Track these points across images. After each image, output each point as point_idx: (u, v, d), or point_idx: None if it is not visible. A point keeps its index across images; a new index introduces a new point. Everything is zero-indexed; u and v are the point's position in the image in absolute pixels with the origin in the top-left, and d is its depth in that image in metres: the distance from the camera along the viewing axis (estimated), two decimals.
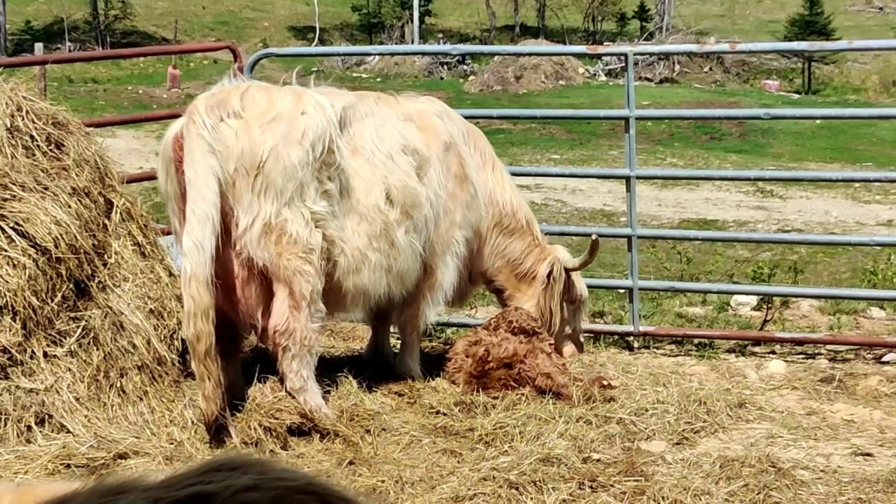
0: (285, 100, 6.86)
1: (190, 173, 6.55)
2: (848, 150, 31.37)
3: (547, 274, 8.55)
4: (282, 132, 6.70)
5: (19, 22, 55.90)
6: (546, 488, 6.07)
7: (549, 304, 8.56)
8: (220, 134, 6.61)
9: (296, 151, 6.70)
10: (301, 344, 6.88)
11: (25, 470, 6.02)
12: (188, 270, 6.42)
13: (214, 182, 6.54)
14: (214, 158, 6.56)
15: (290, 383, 6.96)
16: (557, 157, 28.84)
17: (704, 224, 20.51)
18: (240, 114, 6.69)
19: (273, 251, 6.72)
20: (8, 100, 7.14)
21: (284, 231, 6.71)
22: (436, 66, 50.52)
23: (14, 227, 6.66)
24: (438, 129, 7.88)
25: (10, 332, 6.49)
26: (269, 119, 6.71)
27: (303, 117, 6.80)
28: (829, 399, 7.96)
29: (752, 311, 10.42)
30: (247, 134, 6.65)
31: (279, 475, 2.36)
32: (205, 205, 6.48)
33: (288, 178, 6.68)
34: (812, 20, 53.89)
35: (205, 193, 6.50)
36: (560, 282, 8.56)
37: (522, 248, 8.55)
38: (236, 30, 60.96)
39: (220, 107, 6.68)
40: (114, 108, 35.86)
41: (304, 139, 6.74)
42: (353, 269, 7.18)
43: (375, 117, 7.47)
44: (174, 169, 6.75)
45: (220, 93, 6.83)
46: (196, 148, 6.56)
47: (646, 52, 27.61)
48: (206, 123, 6.59)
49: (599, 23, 66.34)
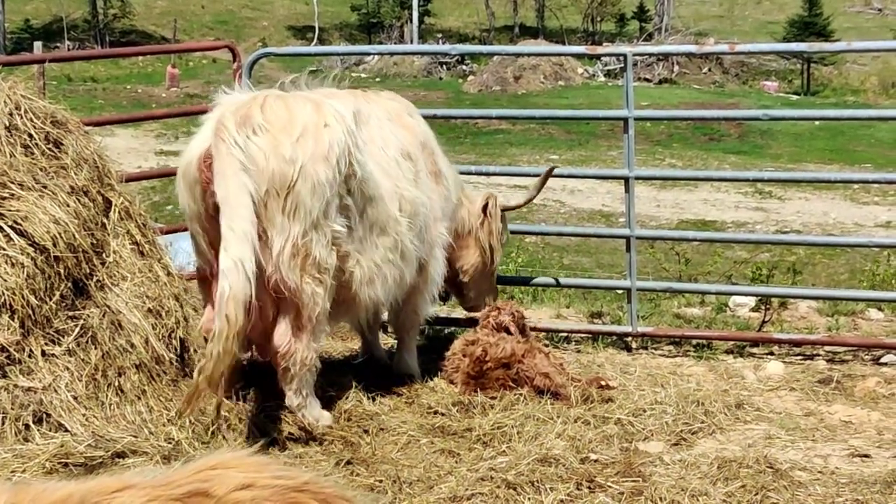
0: (306, 110, 6.70)
1: (222, 192, 6.38)
2: (846, 151, 31.40)
3: (482, 208, 8.56)
4: (310, 149, 6.55)
5: (18, 20, 55.90)
6: (544, 488, 6.07)
7: (488, 240, 8.57)
8: (251, 155, 6.44)
9: (323, 169, 6.55)
10: (301, 364, 6.77)
11: (23, 469, 6.02)
12: (227, 290, 6.20)
13: (249, 200, 6.37)
14: (248, 177, 6.39)
15: (290, 401, 6.88)
16: (556, 157, 28.85)
17: (703, 225, 20.55)
18: (265, 128, 6.52)
19: (298, 273, 6.59)
20: (7, 98, 7.13)
21: (309, 252, 6.58)
22: (435, 66, 50.53)
23: (12, 225, 6.65)
24: (414, 129, 7.81)
25: (8, 330, 6.48)
26: (297, 135, 6.55)
27: (326, 130, 6.65)
28: (826, 400, 7.96)
29: (750, 312, 10.41)
30: (276, 153, 6.48)
31: (275, 474, 2.36)
32: (243, 223, 6.31)
33: (317, 198, 6.54)
34: (811, 21, 53.92)
35: (242, 212, 6.33)
36: (496, 218, 8.59)
37: (464, 217, 8.53)
38: (235, 29, 60.96)
39: (247, 123, 6.50)
40: (113, 107, 35.87)
41: (331, 155, 6.59)
42: (368, 281, 7.08)
43: (374, 119, 7.41)
44: (200, 190, 6.59)
45: (242, 107, 6.64)
46: (228, 166, 6.38)
47: (645, 52, 27.60)
48: (237, 142, 6.42)
49: (598, 23, 66.34)
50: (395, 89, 40.37)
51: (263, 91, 7.01)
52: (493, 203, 8.61)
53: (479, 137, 31.07)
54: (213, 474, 2.45)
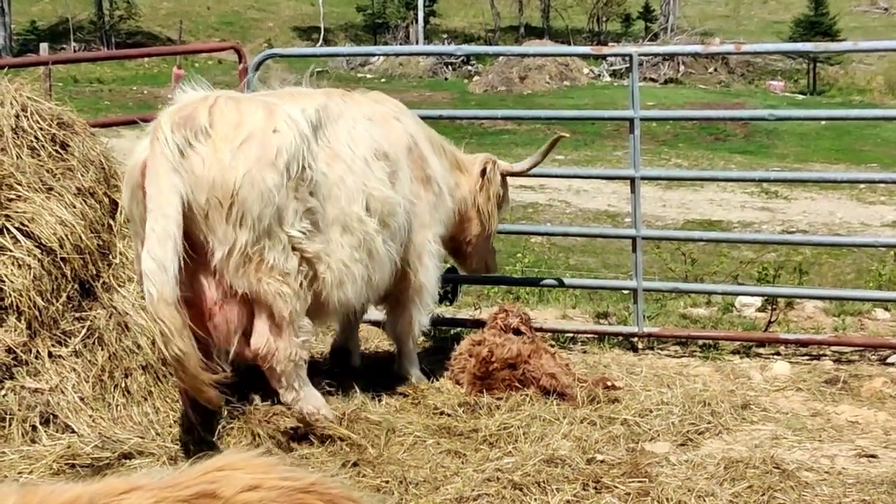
0: (256, 115, 6.47)
1: (152, 190, 6.14)
2: (853, 150, 31.34)
3: (480, 172, 8.46)
4: (254, 155, 6.31)
5: (25, 22, 55.95)
6: (550, 489, 6.07)
7: (486, 207, 8.48)
8: (188, 160, 6.20)
9: (270, 175, 6.33)
10: (287, 361, 6.65)
11: (30, 470, 6.03)
12: (153, 293, 5.98)
13: (178, 200, 6.12)
14: (178, 177, 6.15)
15: (284, 398, 6.80)
16: (562, 157, 28.81)
17: (709, 225, 20.51)
18: (208, 131, 6.28)
19: (252, 278, 6.40)
20: (13, 100, 7.15)
21: (263, 258, 6.40)
22: (440, 67, 50.53)
23: (19, 227, 6.67)
24: (399, 132, 7.62)
25: (16, 332, 6.50)
26: (241, 141, 6.31)
27: (275, 136, 6.42)
28: (833, 400, 7.95)
29: (756, 313, 10.40)
30: (217, 160, 6.24)
31: (282, 475, 2.37)
32: (166, 222, 6.06)
33: (265, 205, 6.32)
34: (817, 21, 53.87)
35: (167, 211, 6.08)
36: (495, 182, 8.49)
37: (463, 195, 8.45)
38: (241, 30, 61.02)
39: (187, 124, 6.26)
40: (119, 108, 35.89)
41: (279, 160, 6.37)
42: (338, 283, 6.90)
43: (346, 118, 7.20)
44: (141, 194, 6.28)
45: (186, 107, 6.41)
46: (159, 166, 6.14)
47: (650, 52, 27.63)
48: (168, 142, 6.17)
49: (604, 23, 66.29)
50: (401, 90, 40.25)
51: (217, 91, 6.72)
52: (491, 167, 8.51)
53: (485, 138, 31.02)
54: (221, 475, 2.46)
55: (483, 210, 8.52)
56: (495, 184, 8.54)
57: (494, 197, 8.54)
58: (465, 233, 8.61)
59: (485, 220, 8.56)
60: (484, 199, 8.49)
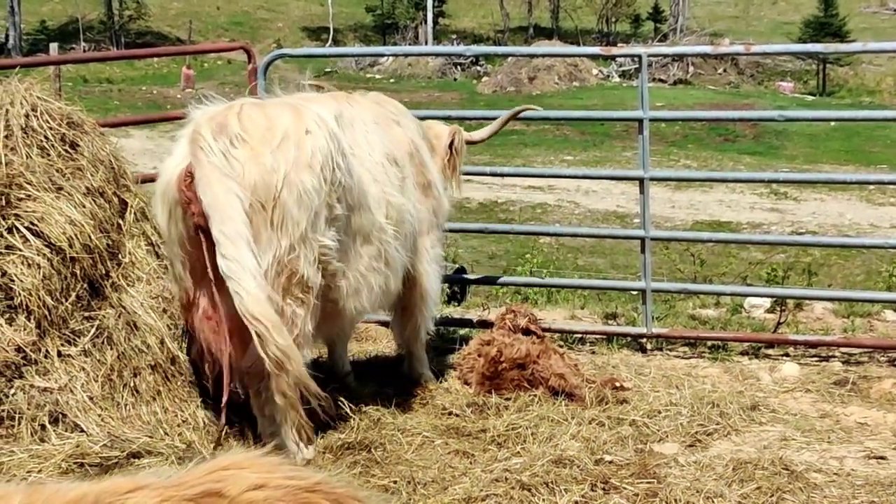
0: (285, 117, 6.34)
1: (209, 198, 6.00)
2: (862, 152, 31.28)
3: (449, 144, 8.28)
4: (292, 156, 6.17)
5: (34, 22, 56.09)
6: (558, 490, 6.07)
7: (452, 177, 8.32)
8: (232, 167, 6.08)
9: (308, 177, 6.18)
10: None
11: (39, 469, 6.04)
12: (241, 294, 5.86)
13: (238, 203, 6.00)
14: (232, 182, 6.02)
15: (262, 427, 6.54)
16: (570, 158, 28.84)
17: (718, 226, 20.50)
18: (243, 137, 6.15)
19: (280, 294, 6.24)
20: (23, 100, 7.16)
21: (295, 270, 6.24)
22: (449, 67, 50.54)
23: (29, 226, 6.68)
24: (401, 137, 7.50)
25: (25, 331, 6.51)
26: (277, 142, 6.18)
27: (308, 137, 6.28)
28: (842, 402, 7.93)
29: (765, 314, 10.39)
30: (258, 163, 6.11)
31: (287, 474, 2.37)
32: (233, 224, 5.96)
33: (304, 208, 6.16)
34: (827, 22, 53.79)
35: (230, 213, 5.97)
36: (462, 153, 8.36)
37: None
38: (250, 30, 61.09)
39: (223, 131, 6.15)
40: (128, 108, 35.96)
41: (314, 162, 6.22)
42: (354, 292, 6.78)
43: (359, 122, 7.11)
44: (180, 211, 6.20)
45: (218, 116, 6.29)
46: (210, 173, 6.03)
47: (660, 53, 27.54)
48: (214, 150, 6.06)
49: (613, 24, 66.25)
50: (410, 90, 40.22)
51: (239, 100, 6.60)
52: (458, 138, 8.33)
53: (493, 138, 31.03)
54: (226, 475, 2.46)
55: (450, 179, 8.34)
56: (462, 154, 8.39)
57: (459, 167, 8.40)
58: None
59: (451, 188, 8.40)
60: (451, 170, 8.31)
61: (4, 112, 7.06)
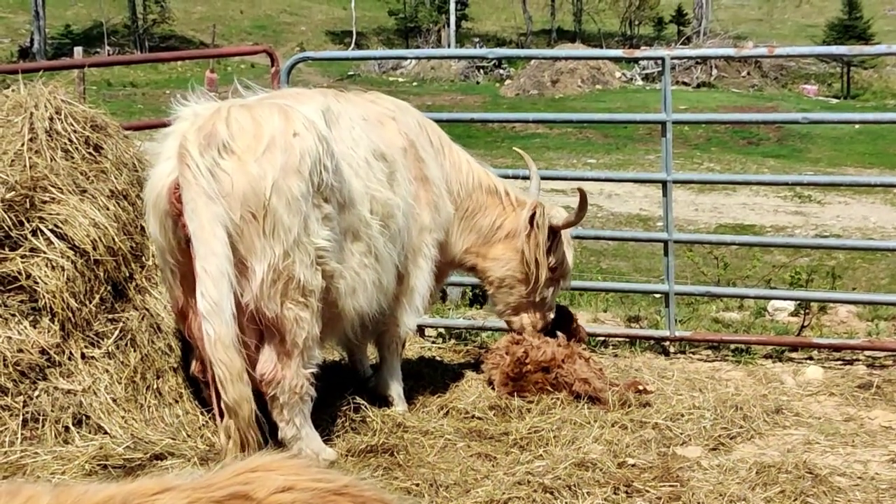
0: (273, 120, 6.20)
1: (194, 226, 5.90)
2: (887, 155, 31.14)
3: (529, 218, 7.98)
4: (279, 162, 6.06)
5: (59, 26, 56.45)
6: (581, 493, 6.06)
7: (533, 254, 7.97)
8: (219, 181, 5.97)
9: (296, 182, 6.10)
10: (291, 392, 6.35)
11: (63, 470, 6.07)
12: (212, 335, 5.82)
13: (223, 233, 5.91)
14: (218, 206, 5.92)
15: (283, 433, 6.45)
16: (594, 161, 28.81)
17: (741, 229, 20.43)
18: (230, 146, 6.03)
19: (279, 301, 6.18)
20: (47, 103, 7.20)
21: (292, 276, 6.15)
22: (472, 70, 50.59)
23: (53, 229, 6.72)
24: (394, 132, 7.35)
25: (49, 333, 6.55)
26: (264, 148, 6.06)
27: (296, 140, 6.16)
28: (866, 405, 7.90)
29: (789, 317, 10.36)
30: (244, 173, 6.01)
31: (314, 476, 2.37)
32: (217, 260, 5.86)
33: (293, 214, 6.08)
34: (851, 24, 53.62)
35: (215, 247, 5.87)
36: (544, 229, 7.98)
37: (492, 221, 8.06)
38: (274, 34, 61.25)
39: (211, 143, 6.00)
40: (152, 111, 36.05)
41: (303, 166, 6.12)
42: (351, 291, 6.67)
43: (344, 119, 6.95)
44: (171, 222, 6.11)
45: (206, 123, 6.12)
46: (197, 198, 5.91)
47: (683, 56, 27.46)
48: (201, 168, 5.92)
49: (636, 27, 66.17)
50: (433, 93, 40.18)
51: (227, 101, 6.46)
52: (540, 212, 8.02)
53: (516, 141, 30.98)
54: (254, 477, 2.46)
55: (529, 258, 8.00)
56: (543, 231, 7.99)
57: (543, 244, 8.01)
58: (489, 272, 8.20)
59: (528, 270, 8.03)
60: (532, 248, 7.97)
61: (29, 115, 7.11)
